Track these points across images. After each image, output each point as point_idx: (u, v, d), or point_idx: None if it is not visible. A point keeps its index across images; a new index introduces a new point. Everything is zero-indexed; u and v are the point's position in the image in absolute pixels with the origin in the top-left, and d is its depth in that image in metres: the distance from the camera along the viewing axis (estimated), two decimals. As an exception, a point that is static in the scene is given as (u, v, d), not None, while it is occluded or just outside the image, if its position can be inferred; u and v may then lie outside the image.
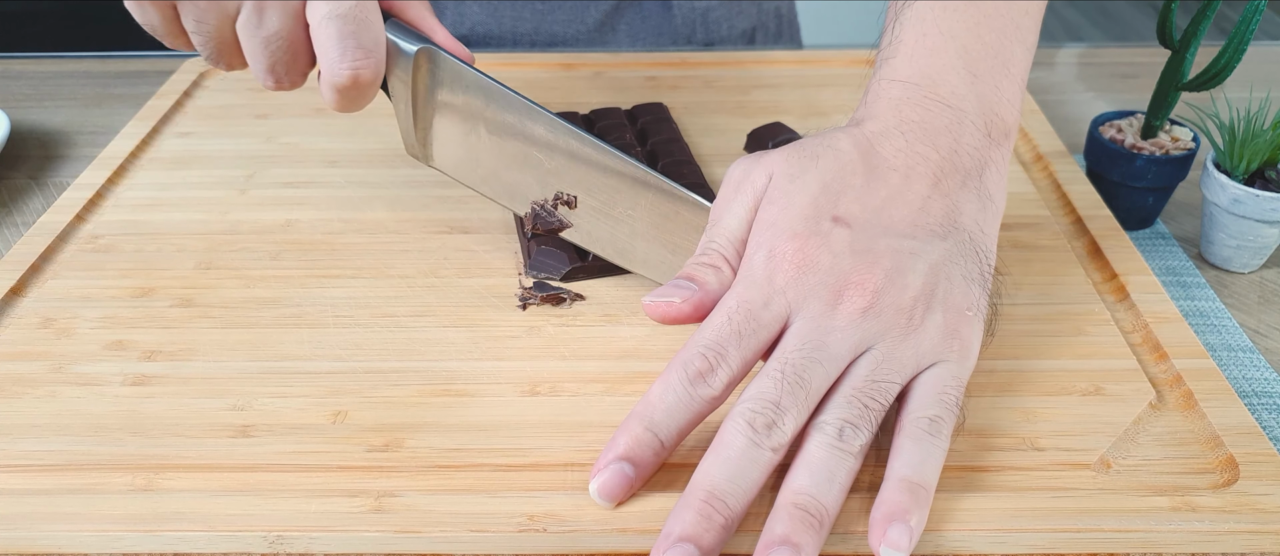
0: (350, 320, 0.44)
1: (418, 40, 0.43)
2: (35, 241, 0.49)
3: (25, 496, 0.35)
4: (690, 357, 0.35)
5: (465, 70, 0.43)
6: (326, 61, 0.40)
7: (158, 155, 0.58)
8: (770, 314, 0.36)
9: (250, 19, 0.40)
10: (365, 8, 0.40)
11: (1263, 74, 0.69)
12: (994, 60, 0.41)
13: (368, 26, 0.41)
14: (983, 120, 0.40)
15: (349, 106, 0.42)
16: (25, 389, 0.40)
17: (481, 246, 0.49)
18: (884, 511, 0.33)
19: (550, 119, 0.43)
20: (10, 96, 0.71)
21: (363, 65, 0.41)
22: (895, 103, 0.40)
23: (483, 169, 0.46)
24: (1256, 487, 0.35)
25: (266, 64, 0.42)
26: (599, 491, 0.34)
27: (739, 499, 0.33)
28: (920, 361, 0.36)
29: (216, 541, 0.33)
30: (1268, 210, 0.48)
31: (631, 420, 0.35)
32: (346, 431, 0.38)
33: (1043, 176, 0.55)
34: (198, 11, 0.40)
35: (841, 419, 0.34)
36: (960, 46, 0.41)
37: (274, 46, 0.41)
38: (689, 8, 0.77)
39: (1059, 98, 0.70)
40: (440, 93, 0.44)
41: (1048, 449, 0.37)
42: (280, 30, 0.41)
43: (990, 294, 0.39)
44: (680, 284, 0.38)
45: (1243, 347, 0.46)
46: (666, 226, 0.43)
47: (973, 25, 0.41)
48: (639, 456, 0.34)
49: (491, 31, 0.76)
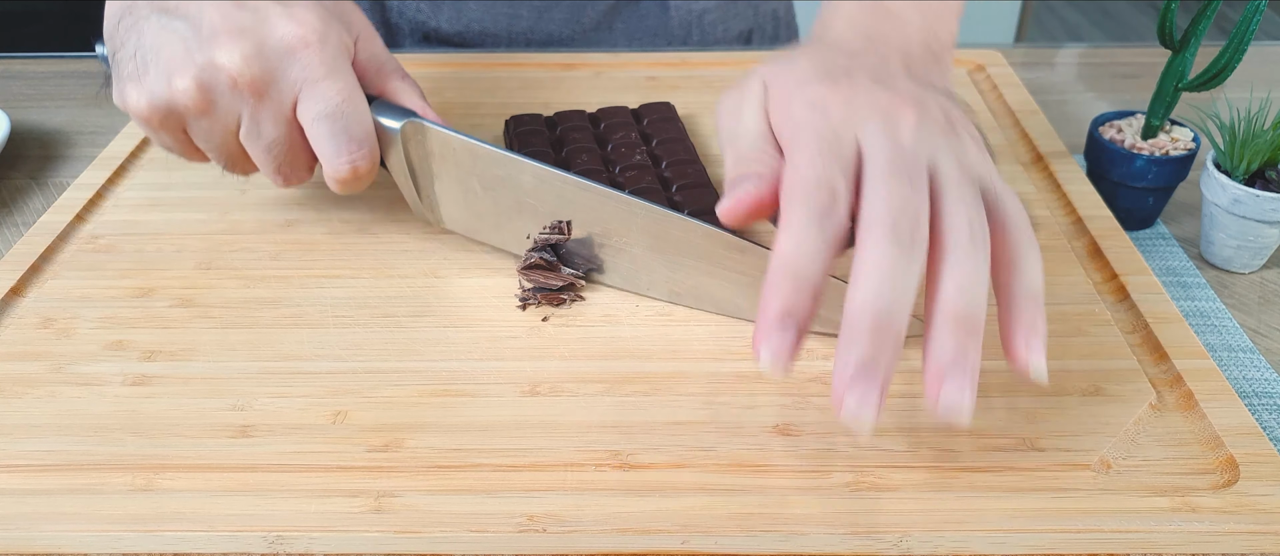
0: (350, 320, 0.44)
1: (402, 115, 0.45)
2: (35, 241, 0.49)
3: (25, 496, 0.35)
4: (808, 198, 0.33)
5: (450, 134, 0.44)
6: (325, 159, 0.43)
7: (158, 155, 0.58)
8: (845, 141, 0.35)
9: (249, 129, 0.43)
10: (351, 101, 0.43)
11: (1263, 74, 0.69)
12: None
13: (357, 118, 0.43)
14: (926, 33, 0.44)
15: (355, 191, 0.45)
16: (25, 389, 0.40)
17: (481, 246, 0.49)
18: (1024, 324, 0.33)
19: (535, 166, 0.44)
20: (10, 96, 0.71)
21: (358, 156, 0.43)
22: (849, 16, 0.44)
23: (487, 222, 0.47)
24: (1256, 488, 0.35)
25: (273, 167, 0.45)
26: (771, 359, 0.32)
27: (902, 315, 0.31)
28: (981, 172, 0.36)
29: (216, 541, 0.33)
30: (1268, 210, 0.48)
31: (776, 279, 0.32)
32: (346, 431, 0.38)
33: (1043, 176, 0.55)
34: (204, 131, 0.44)
35: (967, 218, 0.33)
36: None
37: (275, 151, 0.44)
38: (685, 9, 0.77)
39: (1059, 98, 0.70)
40: (432, 160, 0.46)
41: (1048, 449, 0.37)
42: (278, 136, 0.43)
43: None
44: (741, 180, 0.36)
45: (1243, 348, 0.46)
46: (661, 246, 0.44)
47: None
48: (798, 309, 0.32)
49: (488, 29, 0.76)
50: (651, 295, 0.46)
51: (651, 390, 0.40)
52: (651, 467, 0.36)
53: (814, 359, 0.41)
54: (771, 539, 0.34)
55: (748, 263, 0.42)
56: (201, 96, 0.42)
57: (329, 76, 0.42)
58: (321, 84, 0.42)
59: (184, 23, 0.42)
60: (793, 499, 0.35)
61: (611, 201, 0.44)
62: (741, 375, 0.41)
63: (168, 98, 0.42)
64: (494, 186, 0.45)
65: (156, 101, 0.43)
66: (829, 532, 0.34)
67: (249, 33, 0.41)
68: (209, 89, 0.42)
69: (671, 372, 0.41)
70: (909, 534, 0.34)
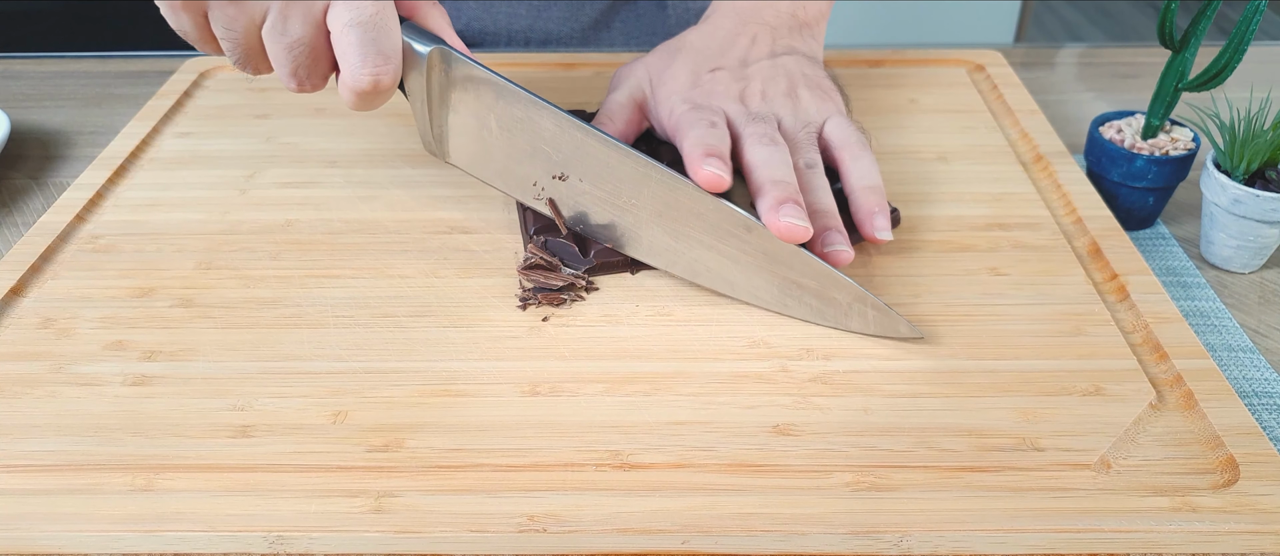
0: (350, 320, 0.44)
1: (431, 41, 0.44)
2: (35, 241, 0.49)
3: (25, 496, 0.35)
4: (695, 144, 0.46)
5: (476, 68, 0.44)
6: (348, 67, 0.42)
7: (158, 155, 0.58)
8: (715, 117, 0.49)
9: (275, 25, 0.42)
10: (384, 13, 0.42)
11: (1263, 74, 0.69)
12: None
13: (387, 33, 0.42)
14: (794, 6, 0.56)
15: (367, 107, 0.44)
16: (25, 389, 0.40)
17: (481, 246, 0.49)
18: (865, 210, 0.47)
19: (557, 113, 0.44)
20: (10, 96, 0.71)
21: (382, 71, 0.42)
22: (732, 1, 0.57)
23: (495, 164, 0.47)
24: (1257, 488, 0.35)
25: (290, 68, 0.44)
26: (708, 176, 0.43)
27: (789, 174, 0.45)
28: (813, 118, 0.51)
29: (216, 541, 0.33)
30: (1268, 210, 0.48)
31: (695, 154, 0.45)
32: (346, 431, 0.38)
33: (1043, 176, 0.55)
34: (226, 18, 0.42)
35: (806, 160, 0.49)
36: None
37: (297, 52, 0.43)
38: (683, 7, 0.77)
39: (1059, 97, 0.70)
40: (453, 91, 0.45)
41: (1048, 449, 0.37)
42: (303, 36, 0.42)
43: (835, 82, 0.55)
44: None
45: (1243, 348, 0.46)
46: (669, 214, 0.44)
47: None
48: (715, 150, 0.45)
49: (486, 28, 0.76)
50: (648, 262, 0.46)
51: (651, 390, 0.40)
52: (651, 467, 0.36)
53: (814, 359, 0.42)
54: (771, 539, 0.34)
55: (752, 243, 0.43)
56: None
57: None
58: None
59: None
60: (793, 499, 0.35)
61: (628, 161, 0.44)
62: (741, 375, 0.41)
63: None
64: (511, 127, 0.45)
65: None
66: (829, 532, 0.34)
67: None
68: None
69: (671, 372, 0.41)
70: (909, 534, 0.34)
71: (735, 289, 0.44)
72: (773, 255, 0.43)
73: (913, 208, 0.51)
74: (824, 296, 0.43)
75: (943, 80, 0.66)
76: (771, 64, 0.53)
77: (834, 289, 0.42)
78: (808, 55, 0.55)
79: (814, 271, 0.42)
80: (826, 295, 0.43)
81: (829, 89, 0.53)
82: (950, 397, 0.39)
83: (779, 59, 0.54)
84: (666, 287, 0.46)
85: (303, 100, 0.63)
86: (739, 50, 0.54)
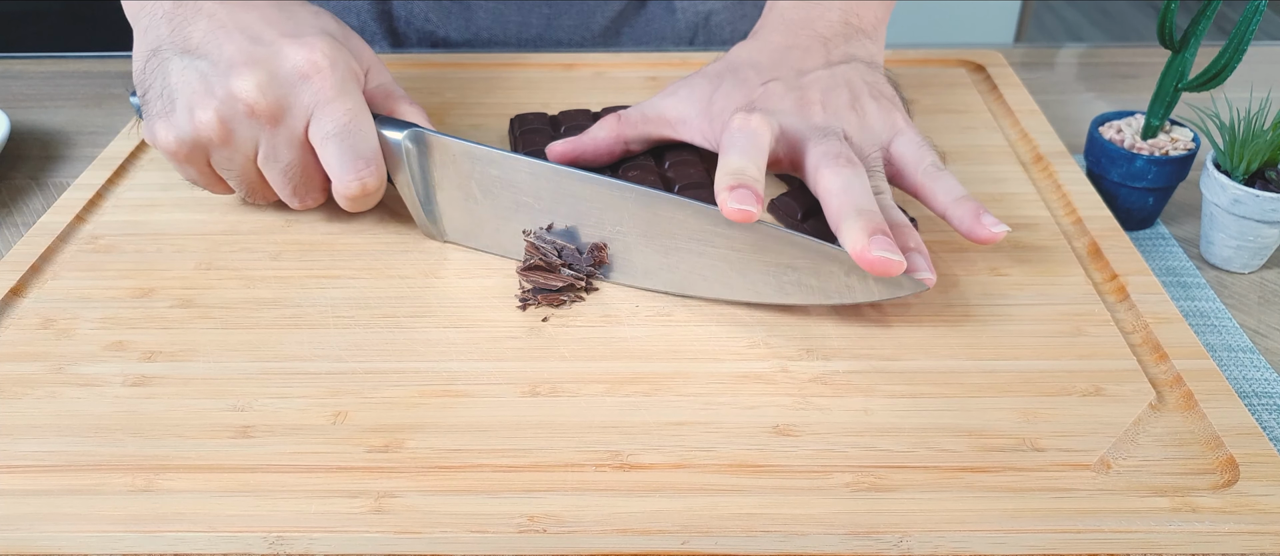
0: (350, 320, 0.44)
1: (402, 126, 0.46)
2: (35, 241, 0.49)
3: (25, 496, 0.35)
4: (732, 189, 0.42)
5: (449, 140, 0.46)
6: (334, 177, 0.45)
7: (158, 155, 0.58)
8: (757, 110, 0.47)
9: (267, 154, 0.46)
10: (357, 120, 0.45)
11: (1263, 74, 0.69)
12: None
13: (363, 137, 0.45)
14: (846, 13, 0.53)
15: (363, 208, 0.48)
16: (25, 389, 0.40)
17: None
18: (969, 216, 0.44)
19: (530, 162, 0.45)
20: (10, 96, 0.71)
21: (366, 173, 0.45)
22: (781, 11, 0.54)
23: (487, 230, 0.48)
24: (1256, 488, 0.35)
25: (289, 189, 0.48)
26: (736, 206, 0.40)
27: (870, 201, 0.42)
28: (880, 135, 0.48)
29: (216, 542, 0.33)
30: (1268, 210, 0.48)
31: (724, 180, 0.42)
32: (346, 432, 0.38)
33: (1043, 176, 0.55)
34: (225, 159, 0.46)
35: (875, 186, 0.45)
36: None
37: (291, 174, 0.47)
38: (692, 10, 0.77)
39: (1059, 98, 0.70)
40: (434, 169, 0.47)
41: (1048, 449, 0.37)
42: (293, 159, 0.46)
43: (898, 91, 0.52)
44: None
45: (1243, 348, 0.46)
46: (653, 230, 0.44)
47: None
48: (745, 177, 0.42)
49: (497, 35, 0.76)
50: (649, 287, 0.46)
51: (651, 390, 0.40)
52: (651, 467, 0.36)
53: (814, 360, 0.41)
54: (771, 539, 0.34)
55: (736, 238, 0.43)
56: (222, 127, 0.45)
57: (338, 98, 0.44)
58: (331, 105, 0.44)
59: (205, 61, 0.45)
60: (793, 499, 0.35)
61: (604, 188, 0.44)
62: (741, 375, 0.41)
63: (192, 130, 0.45)
64: (492, 188, 0.46)
65: (182, 135, 0.45)
66: (829, 532, 0.34)
67: (263, 63, 0.44)
68: (228, 119, 0.44)
69: (671, 372, 0.41)
70: (909, 534, 0.34)
71: (733, 290, 0.44)
72: (759, 245, 0.43)
73: (913, 208, 0.51)
74: (820, 272, 0.42)
75: (942, 80, 0.66)
76: (829, 74, 0.50)
77: (827, 263, 0.42)
78: (867, 61, 0.52)
79: (802, 250, 0.42)
80: (822, 271, 0.42)
81: (892, 96, 0.50)
82: (950, 398, 0.39)
83: (836, 69, 0.50)
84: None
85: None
86: (793, 61, 0.51)
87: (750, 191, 0.41)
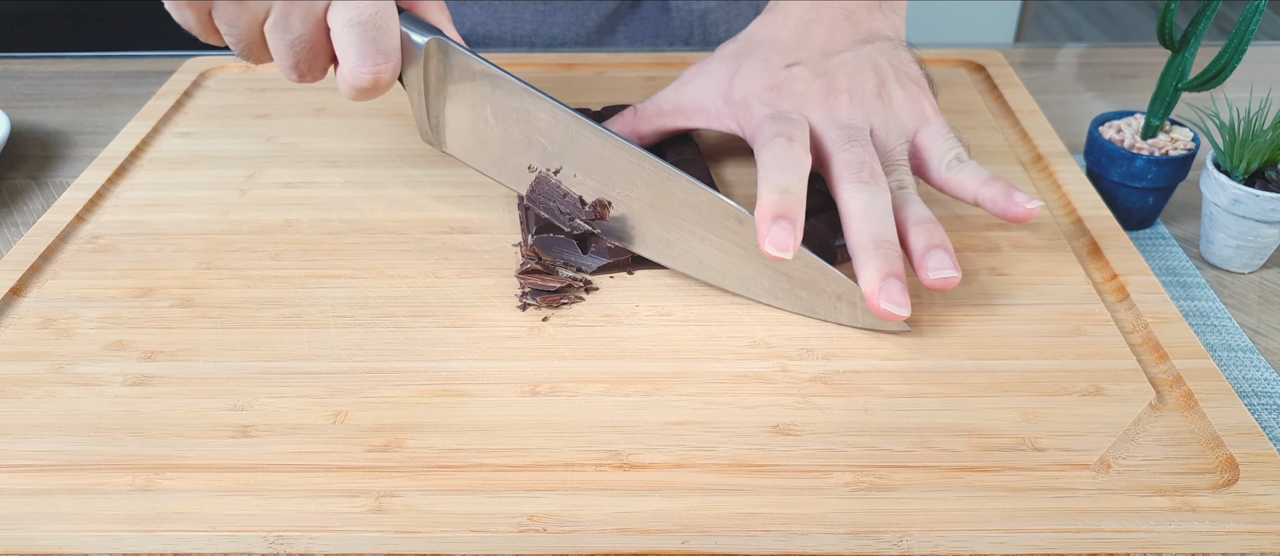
0: (350, 320, 0.44)
1: (429, 31, 0.45)
2: (35, 241, 0.49)
3: (25, 496, 0.35)
4: (774, 220, 0.41)
5: (472, 59, 0.45)
6: (347, 64, 0.43)
7: (158, 155, 0.58)
8: (797, 126, 0.45)
9: (277, 22, 0.43)
10: (383, 12, 0.43)
11: (1263, 74, 0.69)
12: None
13: (386, 32, 0.43)
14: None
15: (365, 100, 0.45)
16: (25, 389, 0.40)
17: (481, 246, 0.49)
18: (1001, 192, 0.44)
19: (552, 105, 0.45)
20: (10, 96, 0.71)
21: (382, 69, 0.43)
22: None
23: (491, 154, 0.47)
24: (1256, 488, 0.35)
25: (291, 62, 0.45)
26: (775, 244, 0.40)
27: (890, 230, 0.42)
28: (906, 124, 0.47)
29: (216, 541, 0.33)
30: (1268, 210, 0.48)
31: (766, 197, 0.41)
32: (346, 431, 0.38)
33: (1043, 176, 0.55)
34: (229, 15, 0.43)
35: (898, 181, 0.45)
36: None
37: (298, 48, 0.44)
38: (687, 9, 0.77)
39: (1059, 98, 0.70)
40: (450, 82, 0.46)
41: (1048, 449, 0.37)
42: (304, 34, 0.43)
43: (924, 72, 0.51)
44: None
45: (1243, 348, 0.46)
46: (662, 205, 0.44)
47: None
48: (787, 211, 0.41)
49: (490, 32, 0.76)
50: (643, 254, 0.46)
51: (651, 390, 0.40)
52: (651, 467, 0.36)
53: (814, 359, 0.41)
54: (771, 539, 0.34)
55: (743, 235, 0.43)
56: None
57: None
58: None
59: None
60: (793, 499, 0.35)
61: (622, 153, 0.44)
62: (741, 375, 0.41)
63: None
64: (507, 118, 0.46)
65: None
66: (829, 532, 0.34)
67: None
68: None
69: (671, 372, 0.41)
70: (909, 534, 0.34)
71: (725, 280, 0.44)
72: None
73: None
74: (814, 288, 0.43)
75: (942, 80, 0.66)
76: (855, 56, 0.48)
77: (825, 282, 0.42)
78: (892, 38, 0.50)
79: (804, 264, 0.42)
80: (817, 287, 0.43)
81: (918, 78, 0.49)
82: (950, 397, 0.39)
83: (862, 49, 0.48)
84: (666, 287, 0.46)
85: (303, 100, 0.63)
86: (817, 40, 0.49)
87: (790, 228, 0.40)
